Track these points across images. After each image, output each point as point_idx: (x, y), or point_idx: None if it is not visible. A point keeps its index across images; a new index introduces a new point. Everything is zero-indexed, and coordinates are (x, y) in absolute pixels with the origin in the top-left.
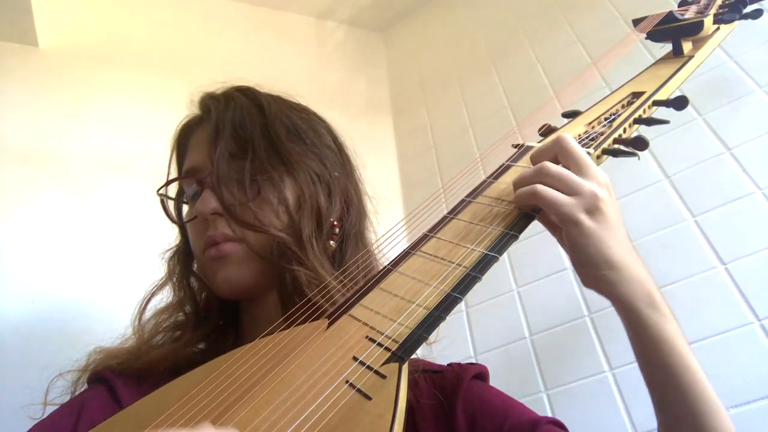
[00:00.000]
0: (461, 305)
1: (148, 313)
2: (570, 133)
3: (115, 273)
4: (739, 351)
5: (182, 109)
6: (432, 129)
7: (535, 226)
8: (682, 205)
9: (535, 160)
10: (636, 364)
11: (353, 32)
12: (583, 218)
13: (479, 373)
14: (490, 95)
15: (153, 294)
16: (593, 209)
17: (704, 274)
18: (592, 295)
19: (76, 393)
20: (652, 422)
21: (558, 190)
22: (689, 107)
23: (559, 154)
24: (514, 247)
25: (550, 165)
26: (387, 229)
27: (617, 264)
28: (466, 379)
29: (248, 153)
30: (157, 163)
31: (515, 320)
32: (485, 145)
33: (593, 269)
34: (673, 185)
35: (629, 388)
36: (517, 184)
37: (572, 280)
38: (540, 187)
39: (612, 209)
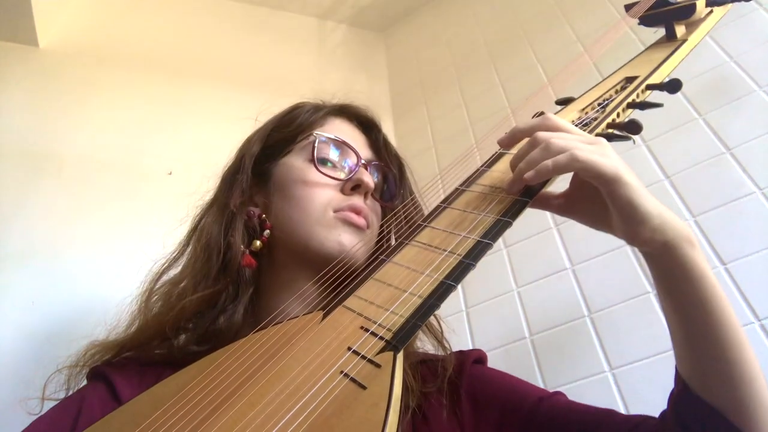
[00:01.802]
0: (461, 305)
1: (157, 289)
2: (564, 119)
3: (116, 273)
4: None
5: (181, 107)
6: (432, 129)
7: (535, 225)
8: (682, 205)
9: (519, 136)
10: (635, 365)
11: (353, 32)
12: (623, 173)
13: (478, 358)
14: (490, 95)
15: (169, 265)
16: (619, 163)
17: None
18: (592, 295)
19: (74, 389)
20: None
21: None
22: (689, 107)
23: (545, 129)
24: (514, 247)
25: (553, 119)
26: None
27: (660, 210)
28: (467, 364)
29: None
30: (157, 163)
31: (515, 320)
32: (485, 144)
33: (649, 222)
34: (673, 185)
35: (629, 388)
36: (528, 151)
37: (572, 280)
38: (578, 149)
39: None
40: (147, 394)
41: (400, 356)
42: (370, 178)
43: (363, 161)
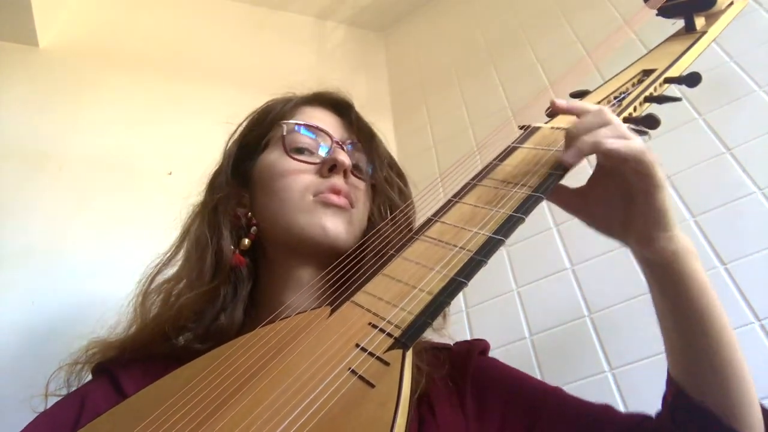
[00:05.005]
0: (461, 305)
1: (152, 290)
2: None
3: (115, 272)
4: None
5: (181, 107)
6: (432, 129)
7: (535, 225)
8: (682, 205)
9: (575, 110)
10: (635, 365)
11: (353, 32)
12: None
13: (483, 349)
14: (490, 95)
15: (162, 266)
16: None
17: None
18: (592, 295)
19: (77, 385)
20: None
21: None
22: (689, 107)
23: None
24: (514, 247)
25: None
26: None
27: (675, 223)
28: (474, 354)
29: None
30: (157, 163)
31: (515, 320)
32: (484, 138)
33: (668, 230)
34: (673, 185)
35: (629, 388)
36: (585, 127)
37: (572, 279)
38: (640, 144)
39: None
40: (152, 387)
41: (409, 354)
42: (345, 156)
43: (337, 140)
